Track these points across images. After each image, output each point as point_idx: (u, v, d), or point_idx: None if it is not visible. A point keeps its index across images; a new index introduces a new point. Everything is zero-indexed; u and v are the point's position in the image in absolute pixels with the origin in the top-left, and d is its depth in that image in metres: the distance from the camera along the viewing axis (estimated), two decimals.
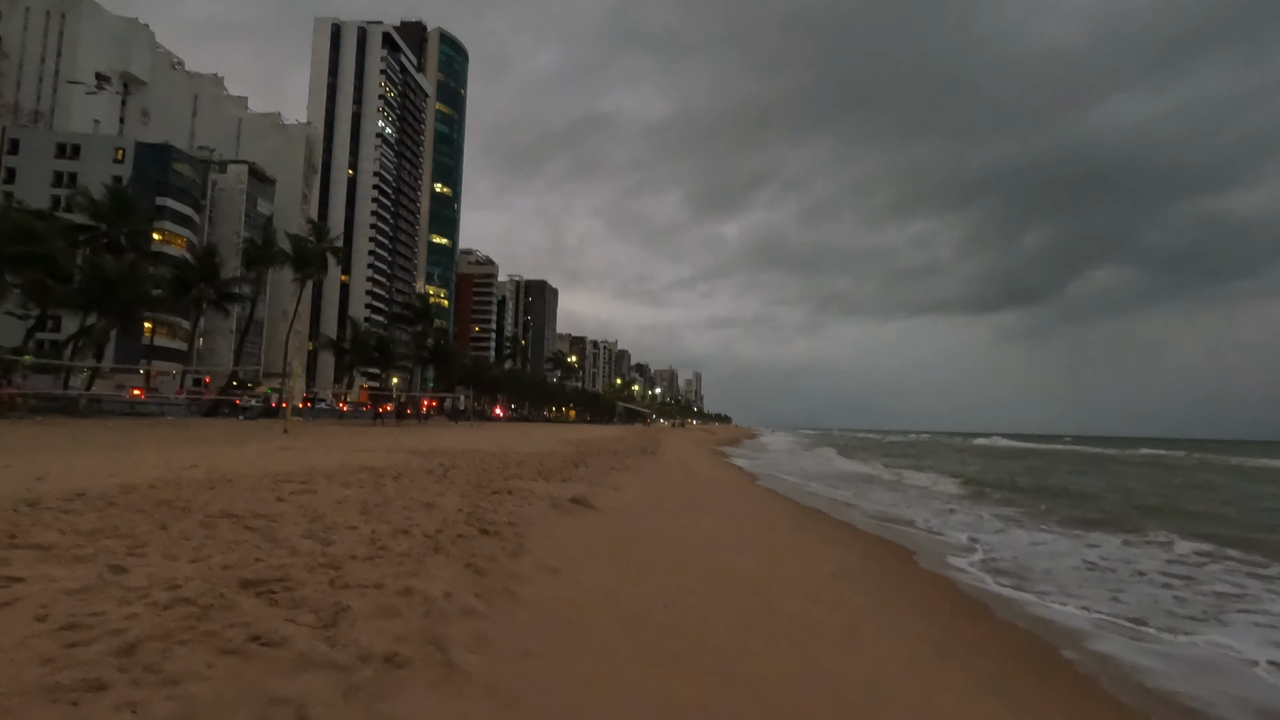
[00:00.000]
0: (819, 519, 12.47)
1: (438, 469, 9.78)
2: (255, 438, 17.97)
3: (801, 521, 11.66)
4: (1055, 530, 12.73)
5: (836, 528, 11.66)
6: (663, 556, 6.49)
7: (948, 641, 5.67)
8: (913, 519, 13.75)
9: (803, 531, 10.60)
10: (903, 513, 14.77)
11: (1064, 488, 23.50)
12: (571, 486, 9.87)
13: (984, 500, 18.01)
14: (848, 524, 12.24)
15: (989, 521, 13.68)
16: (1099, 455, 60.93)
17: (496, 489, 8.48)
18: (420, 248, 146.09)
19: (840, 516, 13.34)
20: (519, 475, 10.29)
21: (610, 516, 7.97)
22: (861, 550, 9.72)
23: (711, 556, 7.19)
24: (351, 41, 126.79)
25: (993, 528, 12.89)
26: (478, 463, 11.77)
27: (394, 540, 5.03)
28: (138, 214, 32.84)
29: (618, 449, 21.99)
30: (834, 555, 8.96)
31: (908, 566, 8.91)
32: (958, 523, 13.37)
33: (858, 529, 11.70)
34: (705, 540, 7.97)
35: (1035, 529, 12.86)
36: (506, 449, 16.04)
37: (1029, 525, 13.32)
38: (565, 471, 11.94)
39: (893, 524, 12.97)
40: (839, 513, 13.98)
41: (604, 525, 7.43)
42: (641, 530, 7.65)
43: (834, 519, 12.74)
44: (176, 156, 77.49)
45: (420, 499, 6.93)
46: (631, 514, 8.57)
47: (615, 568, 5.74)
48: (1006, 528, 12.89)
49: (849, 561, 8.60)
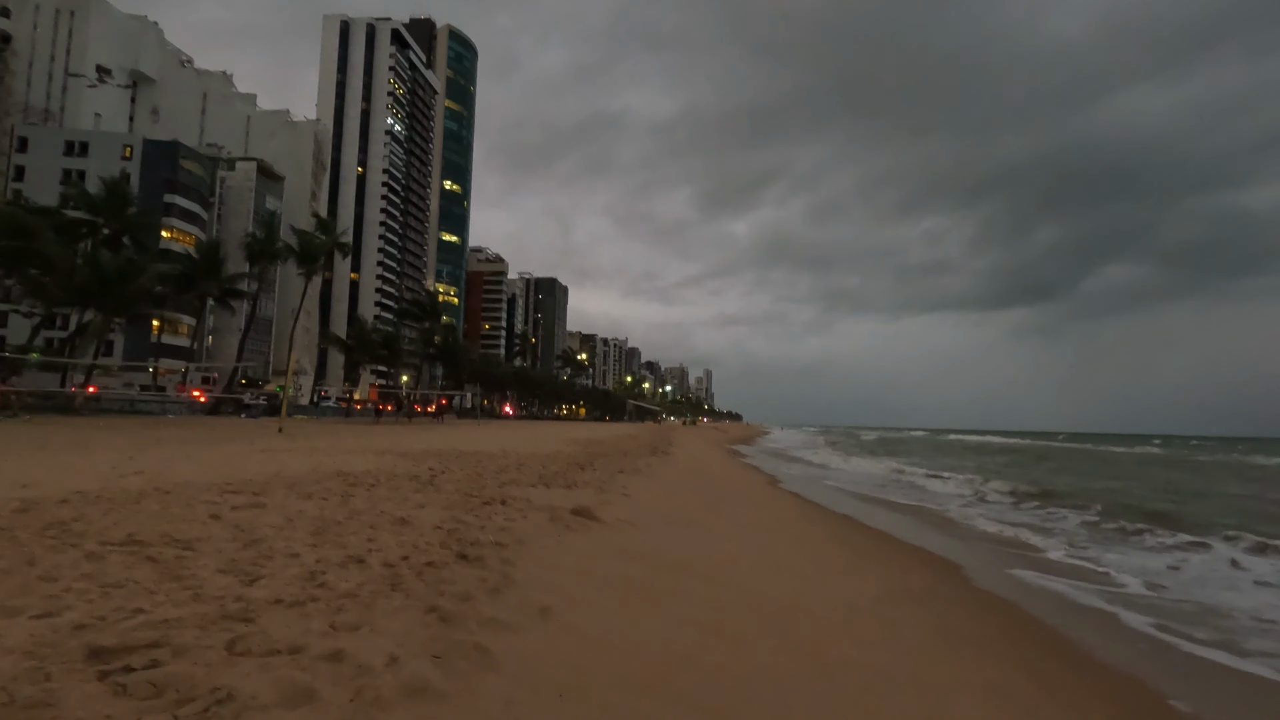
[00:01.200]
0: (852, 528, 11.34)
1: (425, 474, 8.74)
2: (245, 437, 17.05)
3: (834, 531, 10.53)
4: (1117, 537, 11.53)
5: (874, 539, 10.53)
6: (679, 584, 5.41)
7: (1042, 699, 4.53)
8: (950, 519, 12.59)
9: (837, 543, 9.48)
10: (936, 514, 13.60)
11: (1106, 489, 22.17)
12: (575, 494, 8.80)
13: (1022, 500, 16.78)
14: (884, 533, 11.10)
15: (1030, 523, 12.49)
16: (1127, 454, 59.16)
17: (488, 498, 7.43)
18: (430, 245, 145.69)
19: (874, 523, 12.20)
20: (517, 481, 9.23)
21: (617, 531, 6.89)
22: (904, 565, 8.59)
23: (736, 581, 6.09)
24: (360, 38, 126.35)
25: (1050, 532, 11.70)
26: (474, 466, 10.73)
27: (341, 573, 3.97)
28: (136, 208, 32.07)
29: (627, 449, 20.88)
30: (877, 573, 7.84)
31: (961, 586, 7.76)
32: (1005, 524, 12.21)
33: (897, 539, 10.55)
34: (728, 559, 6.87)
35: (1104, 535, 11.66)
36: (509, 449, 14.99)
37: (1079, 528, 12.12)
38: (569, 475, 10.88)
39: (931, 529, 11.82)
40: (872, 518, 12.84)
41: (610, 542, 6.35)
42: (654, 548, 6.56)
43: (869, 527, 11.61)
44: (184, 154, 77.11)
45: (393, 513, 5.88)
46: (642, 527, 7.49)
47: (621, 602, 4.65)
48: (1048, 525, 11.71)
49: (894, 581, 7.48)
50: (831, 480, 22.55)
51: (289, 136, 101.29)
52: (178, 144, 76.85)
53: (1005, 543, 10.79)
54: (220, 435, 17.79)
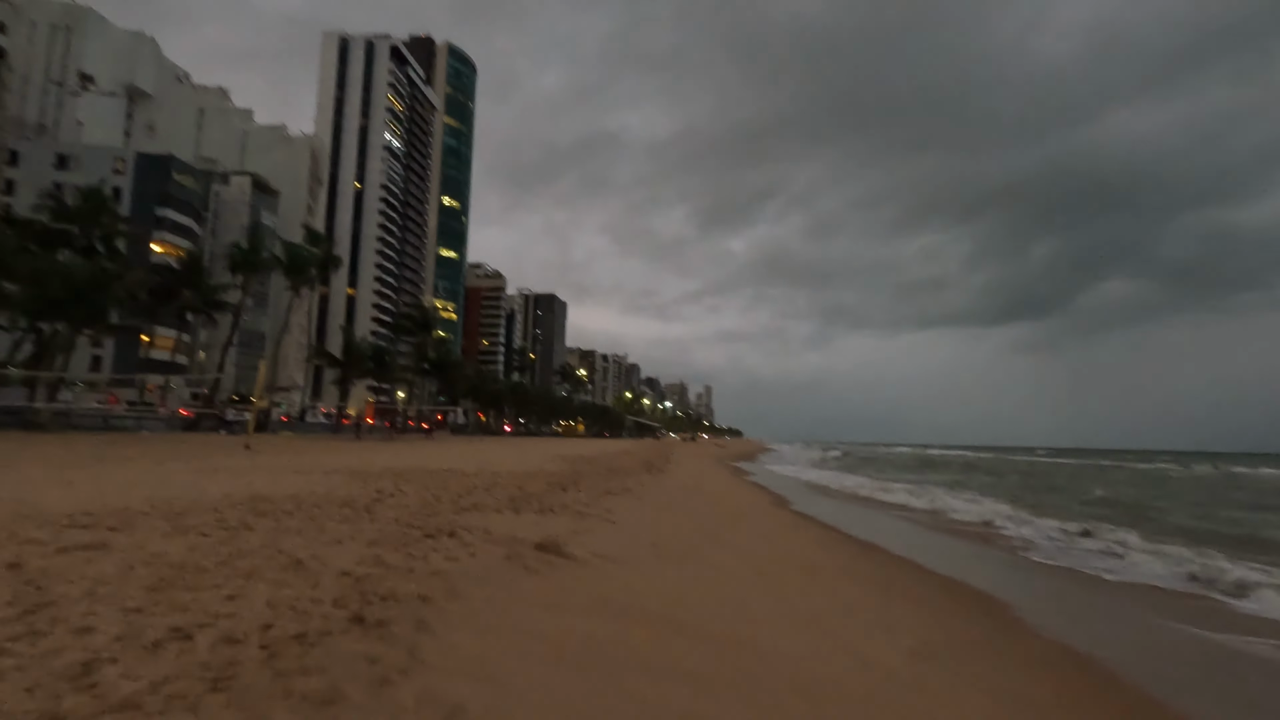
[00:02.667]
0: (875, 557, 9.91)
1: (366, 498, 7.35)
2: (204, 455, 15.66)
3: (854, 561, 9.11)
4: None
5: (901, 570, 9.10)
6: (664, 647, 4.02)
7: None
8: (983, 543, 11.16)
9: (859, 578, 8.07)
10: (967, 536, 12.17)
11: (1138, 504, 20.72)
12: (548, 522, 7.41)
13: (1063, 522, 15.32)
14: (911, 563, 9.68)
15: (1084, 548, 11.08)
16: (1150, 471, 57.47)
17: (435, 529, 6.05)
18: (428, 261, 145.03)
19: (897, 549, 10.77)
20: (480, 505, 7.86)
21: (592, 571, 5.51)
22: (942, 605, 7.18)
23: (741, 637, 4.70)
24: (359, 55, 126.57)
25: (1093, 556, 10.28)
26: (435, 487, 9.34)
27: (140, 661, 2.59)
28: (112, 216, 30.92)
29: (620, 466, 19.40)
30: (911, 618, 6.44)
31: (1018, 634, 6.35)
32: (1046, 545, 10.79)
33: (928, 569, 9.14)
34: (730, 607, 5.47)
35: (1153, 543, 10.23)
36: (487, 467, 13.58)
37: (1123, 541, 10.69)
38: (547, 498, 9.48)
39: (965, 555, 10.39)
40: (894, 543, 11.41)
41: (579, 588, 4.96)
42: (636, 594, 5.17)
43: (893, 555, 10.18)
44: (177, 167, 76.35)
45: (293, 553, 4.52)
46: (625, 563, 6.09)
47: (579, 681, 3.26)
48: (1102, 549, 10.29)
49: (933, 629, 6.07)
50: (840, 499, 21.11)
51: (285, 151, 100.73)
52: (170, 157, 76.09)
53: (1059, 573, 9.37)
54: (179, 452, 16.39)
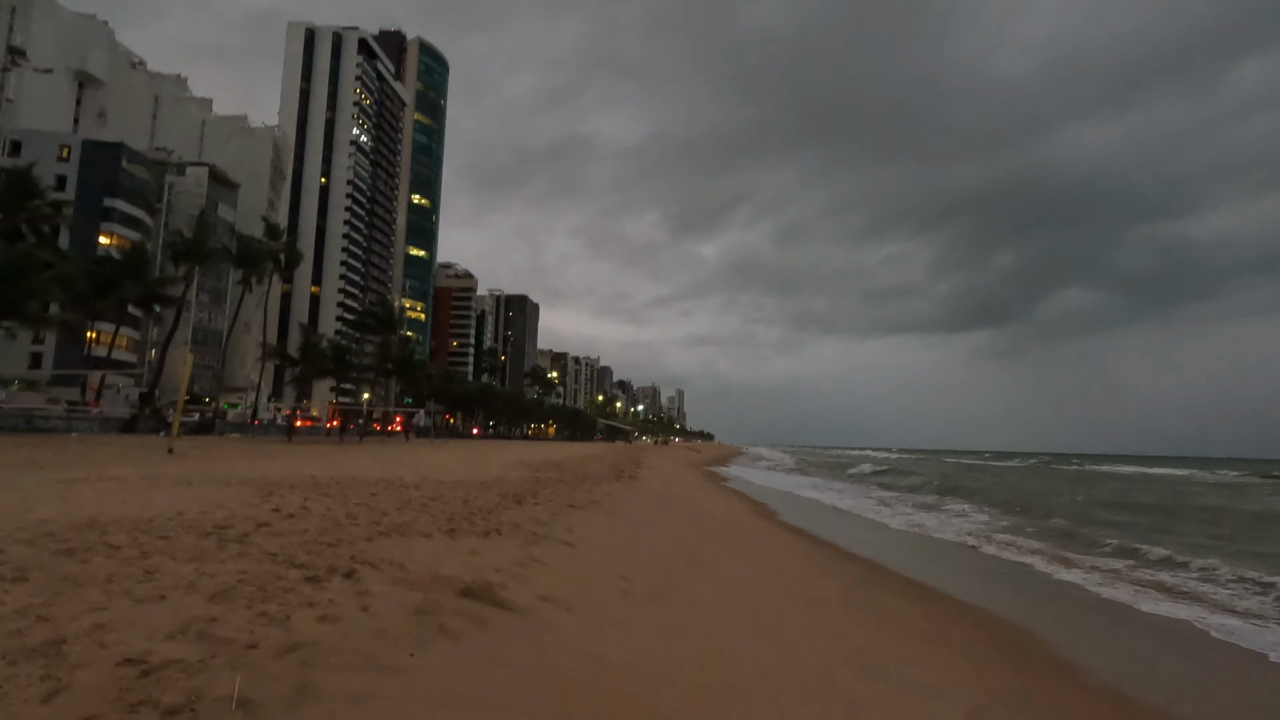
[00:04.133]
0: (883, 582, 8.55)
1: (257, 519, 5.71)
2: (100, 461, 13.68)
3: (858, 587, 7.73)
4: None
5: (915, 597, 7.75)
6: None
7: None
8: (989, 557, 9.91)
9: (868, 611, 6.69)
10: (966, 551, 10.92)
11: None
12: (490, 549, 5.88)
13: (1068, 539, 14.24)
14: (923, 586, 8.34)
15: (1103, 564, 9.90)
16: (1122, 474, 57.85)
17: (326, 566, 4.48)
18: (396, 259, 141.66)
19: (903, 569, 9.45)
20: (407, 527, 6.28)
21: (536, 627, 4.01)
22: (972, 645, 5.82)
23: (732, 715, 3.25)
24: (326, 47, 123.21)
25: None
26: (357, 503, 7.72)
27: None
28: (42, 200, 28.40)
29: (588, 473, 17.78)
30: (940, 664, 5.06)
31: (1069, 680, 5.01)
32: (1057, 562, 9.58)
33: (943, 594, 7.80)
34: (716, 671, 4.01)
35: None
36: (434, 476, 11.91)
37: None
38: (497, 514, 7.93)
39: (975, 573, 9.09)
40: (896, 560, 10.09)
41: (514, 657, 3.46)
42: (596, 662, 3.68)
43: (901, 576, 8.84)
44: (128, 156, 72.67)
45: (65, 620, 2.96)
46: (583, 610, 4.61)
47: None
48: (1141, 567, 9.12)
49: (969, 682, 4.70)
50: (824, 505, 19.89)
51: (246, 143, 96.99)
52: (120, 145, 72.37)
53: (1091, 602, 8.11)
54: (81, 457, 14.39)
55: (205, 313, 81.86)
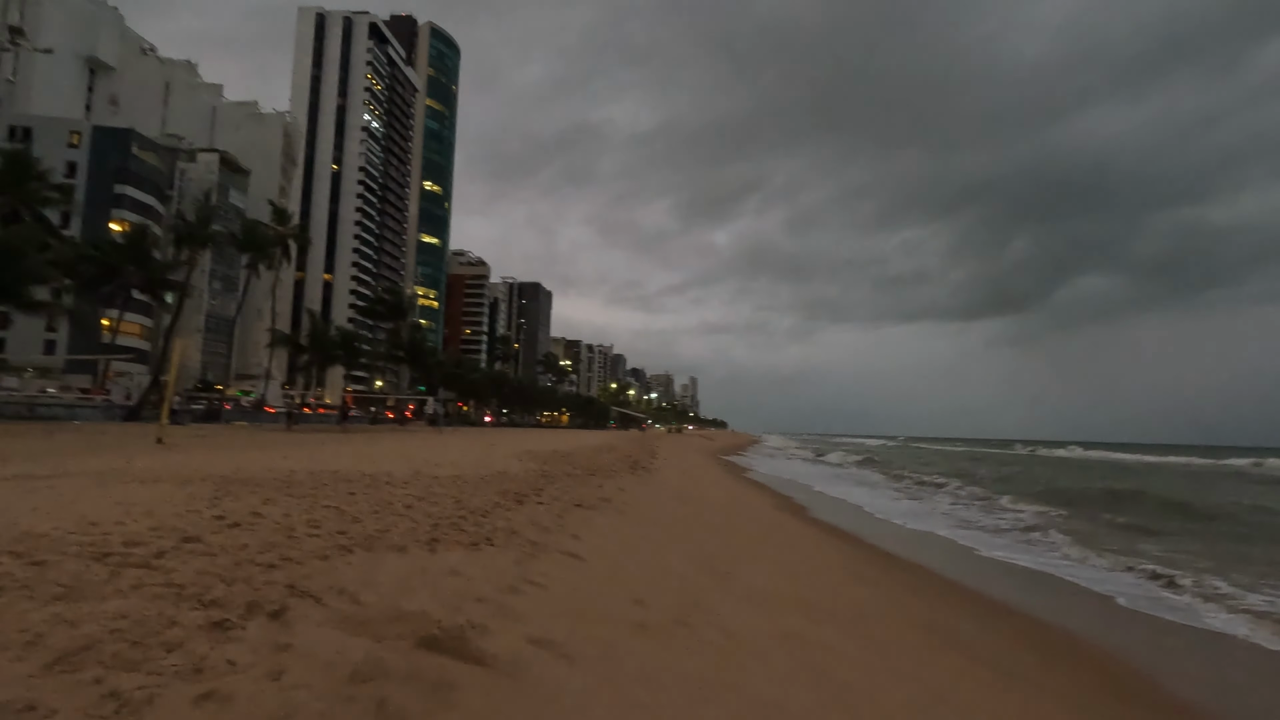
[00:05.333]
0: (934, 590, 7.37)
1: (175, 535, 4.57)
2: (97, 448, 12.84)
3: (917, 605, 6.55)
4: None
5: (977, 612, 6.56)
6: None
7: None
8: (1081, 579, 8.68)
9: (935, 636, 5.52)
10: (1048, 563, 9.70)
11: None
12: (477, 565, 4.76)
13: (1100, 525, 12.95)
14: (983, 597, 7.15)
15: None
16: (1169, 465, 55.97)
17: (246, 603, 3.37)
18: (409, 247, 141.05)
19: (964, 579, 8.25)
20: (379, 536, 5.19)
21: (519, 689, 2.89)
22: (1083, 688, 4.65)
23: None
24: (337, 32, 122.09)
25: None
26: (326, 505, 6.61)
27: None
28: (41, 182, 27.62)
29: (600, 464, 16.67)
30: (1041, 713, 3.90)
31: None
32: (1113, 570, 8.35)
33: (1018, 611, 6.61)
34: None
35: None
36: (432, 469, 10.84)
37: None
38: (493, 517, 6.82)
39: (1069, 595, 7.88)
40: (959, 570, 8.89)
41: None
42: None
43: (960, 588, 7.65)
44: (139, 142, 72.23)
45: None
46: (585, 660, 3.48)
47: None
48: None
49: None
50: (854, 499, 18.68)
51: (257, 129, 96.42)
52: (131, 132, 71.92)
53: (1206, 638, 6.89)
54: (62, 449, 13.51)
55: (218, 300, 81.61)
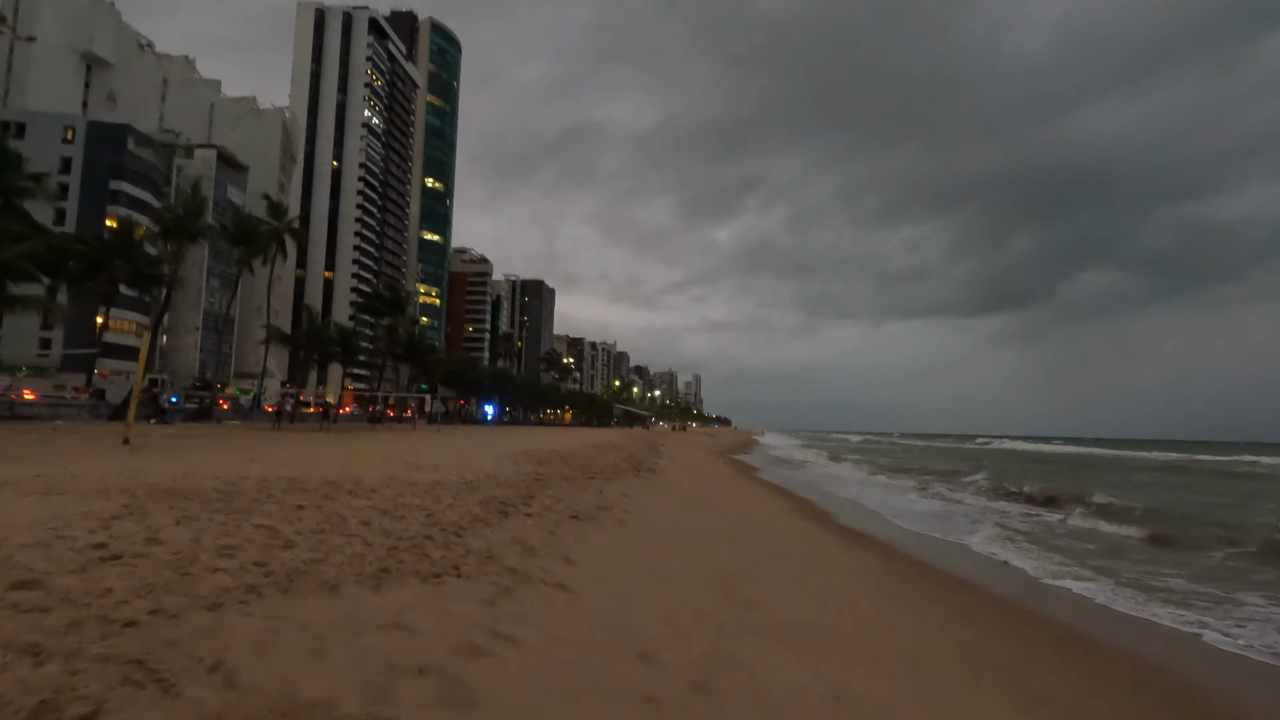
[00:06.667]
0: (993, 618, 6.17)
1: (26, 567, 3.47)
2: (51, 454, 11.73)
3: (969, 633, 5.36)
4: None
5: (1050, 644, 5.36)
6: None
7: None
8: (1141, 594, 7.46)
9: (1002, 677, 4.32)
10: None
11: None
12: (432, 608, 3.59)
13: None
14: (1050, 621, 5.94)
15: None
16: (1183, 462, 54.55)
17: (25, 711, 2.24)
18: (410, 244, 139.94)
19: (1025, 602, 7.04)
20: (301, 574, 4.01)
21: None
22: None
23: None
24: (336, 27, 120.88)
25: None
26: (257, 525, 5.44)
27: None
28: (18, 173, 26.53)
29: (601, 465, 15.39)
30: None
31: None
32: None
33: (1096, 642, 5.40)
34: None
35: None
36: (409, 475, 9.59)
37: None
38: (464, 538, 5.64)
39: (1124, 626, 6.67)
40: (1021, 594, 7.69)
41: None
42: None
43: (1020, 612, 6.44)
44: (135, 138, 71.16)
45: None
46: None
47: None
48: None
49: None
50: (877, 503, 17.46)
51: (255, 125, 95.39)
52: (127, 127, 70.88)
53: None
54: (23, 449, 12.42)
55: (215, 297, 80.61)
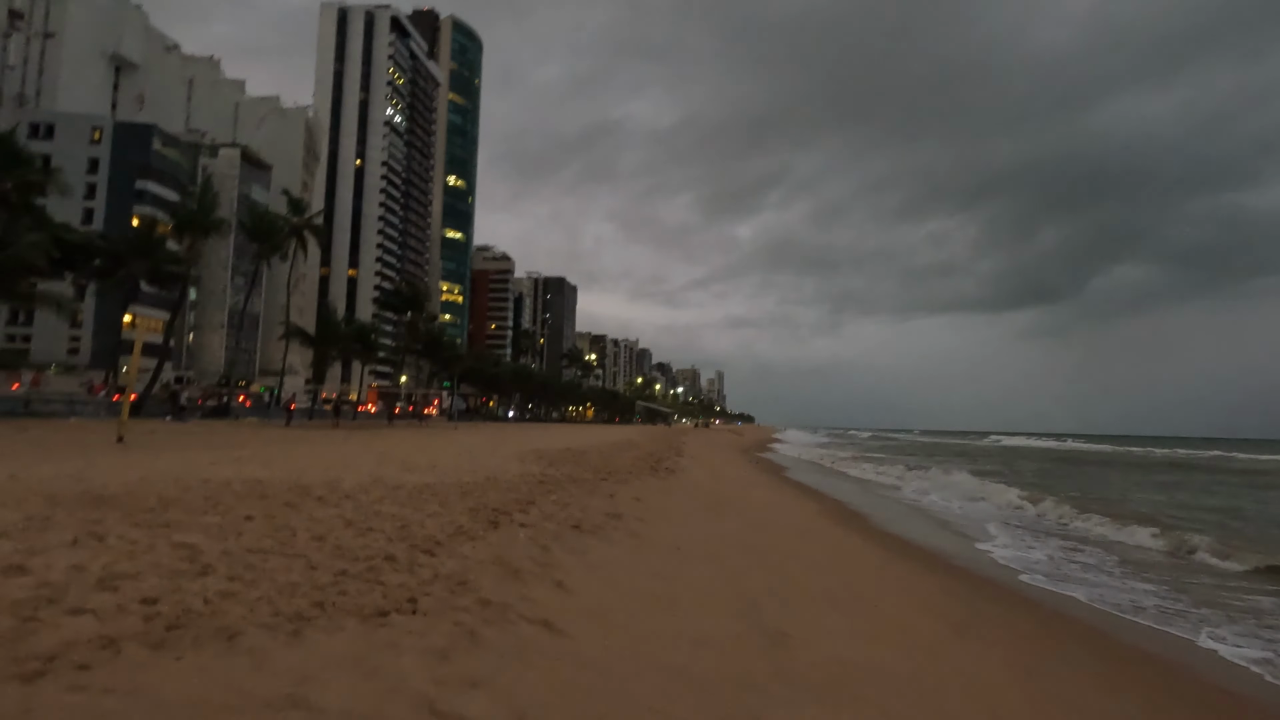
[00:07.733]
0: (1100, 651, 5.07)
1: None
2: (40, 455, 11.10)
3: (1061, 685, 4.26)
4: None
5: None
6: None
7: None
8: None
9: None
10: None
11: None
12: (363, 665, 2.60)
13: None
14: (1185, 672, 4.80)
15: None
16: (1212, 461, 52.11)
17: None
18: (433, 242, 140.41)
19: (1117, 630, 5.91)
20: (192, 618, 3.10)
21: None
22: None
23: None
24: (359, 26, 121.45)
25: None
26: (183, 537, 4.54)
27: None
28: (29, 166, 26.31)
29: (616, 464, 14.34)
30: None
31: None
32: None
33: None
34: None
35: None
36: (397, 477, 8.64)
37: None
38: (439, 557, 4.68)
39: None
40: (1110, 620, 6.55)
41: None
42: None
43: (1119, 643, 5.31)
44: (160, 138, 71.89)
45: None
46: None
47: None
48: None
49: None
50: (922, 506, 16.25)
51: (279, 124, 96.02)
52: (153, 127, 71.62)
53: None
54: (22, 446, 11.82)
55: (240, 296, 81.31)
